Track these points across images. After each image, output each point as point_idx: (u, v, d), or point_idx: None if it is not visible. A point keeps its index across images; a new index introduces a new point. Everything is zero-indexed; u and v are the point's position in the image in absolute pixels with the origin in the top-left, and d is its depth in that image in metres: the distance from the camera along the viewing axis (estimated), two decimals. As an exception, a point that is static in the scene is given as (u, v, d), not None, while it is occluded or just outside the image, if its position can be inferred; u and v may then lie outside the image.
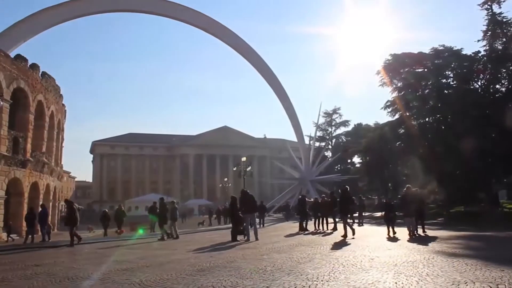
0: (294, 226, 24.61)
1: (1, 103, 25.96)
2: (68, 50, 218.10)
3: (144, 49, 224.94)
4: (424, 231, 19.09)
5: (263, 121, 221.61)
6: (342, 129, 79.73)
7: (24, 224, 28.19)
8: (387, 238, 16.51)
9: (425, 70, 42.71)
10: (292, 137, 72.06)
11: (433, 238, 16.63)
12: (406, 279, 7.54)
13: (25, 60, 33.01)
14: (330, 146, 79.08)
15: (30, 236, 24.90)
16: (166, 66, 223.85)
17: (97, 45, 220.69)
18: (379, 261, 10.16)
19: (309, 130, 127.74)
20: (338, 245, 14.79)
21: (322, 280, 7.68)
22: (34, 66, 34.50)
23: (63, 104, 44.70)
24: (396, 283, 7.25)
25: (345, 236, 18.11)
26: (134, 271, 9.90)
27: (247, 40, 62.67)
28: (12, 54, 34.20)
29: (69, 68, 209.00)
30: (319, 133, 75.99)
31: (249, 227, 19.09)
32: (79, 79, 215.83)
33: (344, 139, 78.62)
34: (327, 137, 79.89)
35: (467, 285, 6.87)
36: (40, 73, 35.71)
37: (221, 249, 15.00)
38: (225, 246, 16.38)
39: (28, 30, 45.84)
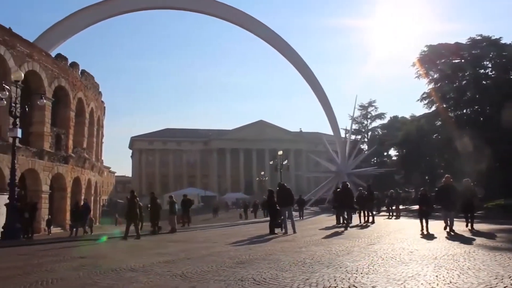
0: (331, 219, 24.49)
1: (44, 101, 26.67)
2: (106, 47, 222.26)
3: (180, 45, 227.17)
4: (472, 227, 17.24)
5: (298, 115, 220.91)
6: (377, 122, 78.60)
7: (68, 217, 29.09)
8: (420, 235, 15.62)
9: (462, 60, 41.73)
10: (327, 130, 71.64)
11: (473, 232, 16.20)
12: (447, 273, 7.37)
13: (65, 59, 33.89)
14: (366, 139, 78.15)
15: (74, 229, 25.52)
16: (202, 62, 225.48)
17: (133, 42, 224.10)
18: (418, 254, 9.99)
19: (344, 123, 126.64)
20: (375, 238, 14.62)
21: (361, 273, 7.58)
22: (74, 65, 35.38)
23: (102, 101, 45.65)
24: (437, 276, 7.10)
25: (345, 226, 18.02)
26: (175, 263, 10.03)
27: (281, 34, 62.47)
28: (53, 54, 35.18)
29: (107, 65, 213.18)
30: (354, 126, 75.11)
31: (287, 220, 19.07)
32: (117, 76, 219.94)
33: (380, 132, 77.47)
34: (363, 130, 78.93)
35: (511, 279, 6.67)
36: (79, 71, 36.61)
37: (259, 242, 15.05)
38: (263, 239, 16.41)
39: (68, 30, 46.88)
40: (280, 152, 52.42)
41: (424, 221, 17.10)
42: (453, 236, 14.96)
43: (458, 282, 6.53)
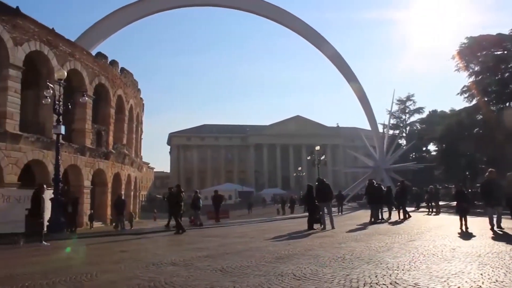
0: (369, 215, 24.16)
1: (86, 98, 27.34)
2: (144, 45, 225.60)
3: (217, 41, 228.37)
4: None
5: (336, 110, 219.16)
6: (416, 116, 76.65)
7: (109, 212, 29.77)
8: (458, 233, 14.83)
9: (505, 52, 40.36)
10: (365, 125, 70.72)
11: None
12: (492, 271, 7.17)
13: (105, 57, 34.63)
14: (404, 134, 76.63)
15: (120, 223, 25.99)
16: (239, 57, 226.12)
17: (171, 39, 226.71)
18: (461, 251, 9.75)
19: (382, 118, 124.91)
20: (416, 235, 14.38)
21: (402, 270, 7.48)
22: (114, 63, 36.12)
23: (141, 98, 46.39)
24: (481, 274, 6.91)
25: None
26: (215, 257, 10.13)
27: (316, 28, 61.92)
28: (93, 52, 35.97)
29: (146, 62, 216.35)
30: (392, 121, 73.70)
31: (325, 215, 18.97)
32: (155, 73, 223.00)
33: (418, 126, 75.78)
34: (401, 125, 77.32)
35: (561, 279, 6.44)
36: (119, 69, 37.32)
37: (298, 237, 15.03)
38: (301, 234, 16.38)
39: (107, 29, 47.75)
40: (318, 147, 52.12)
41: (462, 218, 16.39)
42: (499, 233, 14.42)
43: (504, 281, 6.34)
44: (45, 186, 17.40)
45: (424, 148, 72.42)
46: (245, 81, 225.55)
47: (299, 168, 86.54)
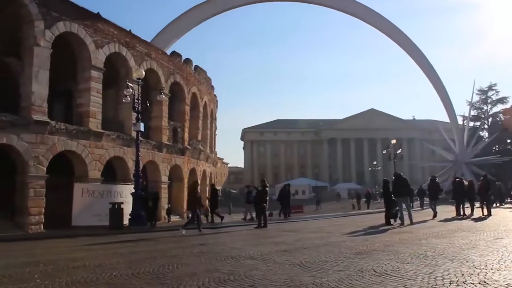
0: (449, 210, 23.28)
1: (163, 96, 28.21)
2: (216, 42, 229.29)
3: (288, 35, 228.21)
4: None
5: (411, 102, 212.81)
6: (499, 107, 72.60)
7: (185, 206, 30.43)
8: None
9: None
10: (443, 117, 68.25)
11: None
12: None
13: (179, 56, 35.53)
14: (486, 126, 72.89)
15: (203, 216, 26.54)
16: (311, 51, 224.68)
17: (242, 35, 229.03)
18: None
19: (462, 109, 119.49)
20: (503, 232, 13.63)
21: (491, 269, 7.10)
22: (188, 61, 36.98)
23: (214, 95, 47.16)
24: None
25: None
26: (292, 252, 10.16)
27: (389, 17, 60.33)
28: (168, 51, 37.03)
29: (218, 59, 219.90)
30: (473, 112, 70.28)
31: (403, 211, 18.49)
32: (228, 70, 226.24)
33: (502, 117, 71.81)
34: (483, 116, 73.45)
35: None
36: (193, 67, 38.14)
37: (375, 233, 14.78)
38: (379, 230, 16.10)
39: (181, 28, 49.09)
40: (394, 141, 50.77)
41: None
42: None
43: None
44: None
45: (508, 141, 68.59)
46: (317, 75, 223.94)
47: (374, 163, 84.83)
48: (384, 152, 61.99)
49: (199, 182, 37.49)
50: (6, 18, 23.12)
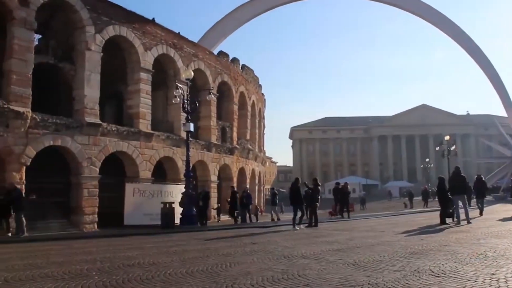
0: (507, 209, 22.25)
1: (212, 96, 28.40)
2: (262, 41, 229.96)
3: (333, 33, 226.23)
4: None
5: (465, 97, 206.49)
6: None
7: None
8: None
9: None
10: (500, 111, 65.67)
11: None
12: None
13: (227, 55, 35.74)
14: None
15: (248, 215, 26.49)
16: (358, 47, 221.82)
17: (288, 33, 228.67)
18: None
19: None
20: None
21: None
22: (235, 60, 37.15)
23: (262, 94, 47.19)
24: None
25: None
26: (345, 251, 9.94)
27: (439, 7, 58.74)
28: (215, 51, 37.29)
29: (264, 58, 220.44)
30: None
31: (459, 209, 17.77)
32: (275, 68, 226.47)
33: None
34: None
35: None
36: (240, 66, 38.27)
37: (430, 232, 14.28)
38: (434, 229, 15.57)
39: (228, 28, 49.40)
40: (447, 137, 49.25)
41: None
42: None
43: None
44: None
45: None
46: (365, 71, 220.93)
47: (427, 160, 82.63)
48: (437, 149, 60.28)
49: (248, 181, 37.61)
50: (58, 24, 23.90)
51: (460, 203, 18.15)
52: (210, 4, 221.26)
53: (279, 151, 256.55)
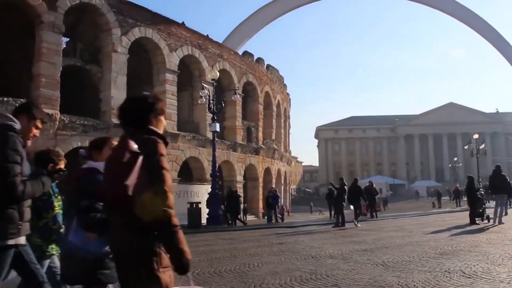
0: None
1: (237, 96, 28.43)
2: (286, 40, 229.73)
3: (361, 31, 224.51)
4: None
5: (494, 94, 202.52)
6: None
7: (261, 205, 30.53)
8: None
9: None
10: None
11: None
12: None
13: (251, 55, 35.77)
14: None
15: (273, 216, 26.43)
16: (382, 45, 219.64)
17: (312, 32, 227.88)
18: None
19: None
20: None
21: None
22: (259, 60, 37.13)
23: (287, 93, 47.07)
24: None
25: None
26: (373, 251, 9.81)
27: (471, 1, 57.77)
28: (240, 52, 37.36)
29: (288, 57, 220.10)
30: None
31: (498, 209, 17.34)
32: (299, 68, 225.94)
33: None
34: None
35: None
36: (265, 66, 38.23)
37: (460, 233, 13.97)
38: (464, 229, 15.23)
39: (252, 28, 49.41)
40: (476, 136, 48.29)
41: None
42: None
43: None
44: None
45: None
46: (391, 70, 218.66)
47: (455, 159, 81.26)
48: (465, 147, 59.14)
49: (274, 181, 37.56)
50: (85, 27, 24.26)
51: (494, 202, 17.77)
52: (234, 4, 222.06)
53: (305, 151, 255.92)
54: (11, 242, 3.39)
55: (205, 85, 23.54)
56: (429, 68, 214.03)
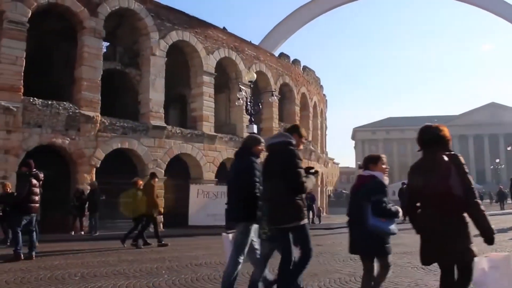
0: None
1: (274, 98, 28.46)
2: (323, 41, 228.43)
3: (398, 31, 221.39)
4: None
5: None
6: None
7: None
8: None
9: None
10: None
11: None
12: None
13: (288, 57, 35.75)
14: None
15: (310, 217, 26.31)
16: (418, 44, 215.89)
17: (350, 33, 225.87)
18: None
19: None
20: None
21: None
22: (296, 62, 37.07)
23: (323, 94, 46.82)
24: None
25: None
26: (413, 254, 9.61)
27: None
28: (276, 53, 37.40)
29: (325, 58, 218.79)
30: None
31: None
32: (335, 69, 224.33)
33: None
34: None
35: None
36: (301, 67, 38.14)
37: (505, 236, 13.63)
38: (506, 232, 14.88)
39: (288, 29, 49.37)
40: (519, 136, 46.89)
41: None
42: None
43: None
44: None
45: None
46: (429, 69, 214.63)
47: (497, 160, 79.21)
48: (508, 148, 57.55)
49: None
50: (125, 32, 24.82)
51: None
52: (270, 6, 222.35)
53: (342, 152, 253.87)
54: (304, 221, 5.33)
55: (242, 87, 23.70)
56: (463, 65, 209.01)
